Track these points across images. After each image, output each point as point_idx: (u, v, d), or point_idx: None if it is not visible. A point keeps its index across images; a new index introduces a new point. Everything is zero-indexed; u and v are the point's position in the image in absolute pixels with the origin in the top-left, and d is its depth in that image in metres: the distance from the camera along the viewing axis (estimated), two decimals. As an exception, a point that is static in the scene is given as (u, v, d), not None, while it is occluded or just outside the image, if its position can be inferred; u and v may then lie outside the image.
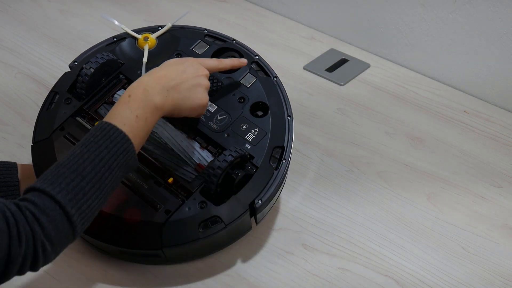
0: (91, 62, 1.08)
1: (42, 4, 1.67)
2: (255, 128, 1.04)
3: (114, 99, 1.09)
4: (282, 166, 1.01)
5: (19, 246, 0.76)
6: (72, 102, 1.08)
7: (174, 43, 1.14)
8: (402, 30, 1.45)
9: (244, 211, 0.98)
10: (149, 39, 1.13)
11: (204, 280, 1.02)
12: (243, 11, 1.66)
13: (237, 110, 1.06)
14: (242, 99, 1.07)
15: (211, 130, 1.04)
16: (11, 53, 1.49)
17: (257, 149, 1.02)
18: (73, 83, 1.09)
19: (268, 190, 0.99)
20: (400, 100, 1.39)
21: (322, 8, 1.57)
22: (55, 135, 1.05)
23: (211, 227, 0.97)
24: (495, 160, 1.24)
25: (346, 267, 1.04)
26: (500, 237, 1.10)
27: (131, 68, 1.11)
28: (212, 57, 1.13)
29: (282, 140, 1.04)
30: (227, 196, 0.98)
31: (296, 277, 1.03)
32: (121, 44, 1.15)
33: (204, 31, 1.17)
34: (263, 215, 1.04)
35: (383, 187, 1.18)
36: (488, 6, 1.30)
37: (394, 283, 1.02)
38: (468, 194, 1.17)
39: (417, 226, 1.11)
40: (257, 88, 1.09)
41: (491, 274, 1.04)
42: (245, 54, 1.13)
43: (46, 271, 1.01)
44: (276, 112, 1.06)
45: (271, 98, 1.08)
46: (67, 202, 0.79)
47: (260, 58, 1.13)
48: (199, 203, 0.98)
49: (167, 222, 0.97)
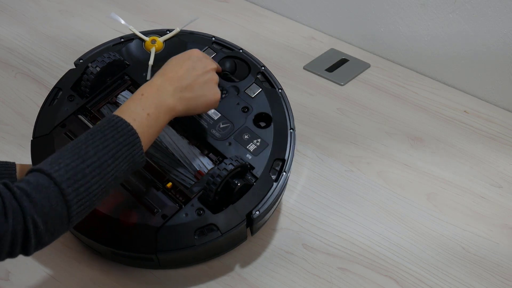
0: (98, 61, 1.08)
1: (42, 4, 1.67)
2: (257, 139, 1.04)
3: (117, 100, 1.09)
4: (281, 179, 1.01)
5: (6, 221, 0.73)
6: (75, 100, 1.08)
7: (181, 48, 1.14)
8: (402, 30, 1.45)
9: (241, 221, 0.98)
10: (156, 42, 1.13)
11: (203, 280, 1.02)
12: (243, 11, 1.66)
13: (240, 119, 1.06)
14: (246, 109, 1.08)
15: (213, 137, 1.04)
16: (11, 53, 1.49)
17: (258, 160, 1.02)
18: (77, 81, 1.09)
19: (266, 202, 0.99)
20: (400, 100, 1.39)
21: (322, 8, 1.57)
22: (55, 132, 1.04)
23: (207, 234, 0.96)
24: (495, 160, 1.24)
25: (346, 267, 1.04)
26: (500, 237, 1.10)
27: (137, 69, 1.11)
28: (218, 64, 1.12)
29: (283, 153, 1.04)
30: (225, 205, 0.98)
31: (296, 277, 1.03)
32: (128, 45, 1.15)
33: (212, 38, 1.17)
34: (259, 226, 1.04)
35: (383, 187, 1.18)
36: (488, 6, 1.30)
37: (394, 283, 1.02)
38: (468, 194, 1.17)
39: (417, 226, 1.11)
40: (261, 99, 1.09)
41: (491, 274, 1.04)
42: (251, 65, 1.13)
43: (46, 271, 1.01)
44: (279, 124, 1.06)
45: (275, 110, 1.08)
46: (64, 180, 0.77)
47: (266, 69, 1.13)
48: (196, 209, 0.97)
49: (163, 226, 0.96)
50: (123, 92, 1.10)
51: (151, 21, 1.61)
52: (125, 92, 1.10)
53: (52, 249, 1.05)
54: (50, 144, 1.03)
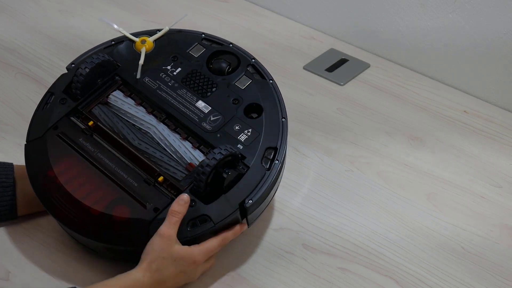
0: (87, 63, 1.08)
1: (42, 4, 1.67)
2: (248, 129, 1.04)
3: (108, 99, 1.09)
4: (274, 167, 1.01)
5: None
6: (67, 102, 1.08)
7: (171, 45, 1.14)
8: (402, 30, 1.45)
9: (233, 210, 0.97)
10: (146, 42, 1.13)
11: (203, 280, 1.01)
12: (243, 11, 1.66)
13: (230, 111, 1.06)
14: (236, 101, 1.07)
15: (203, 130, 1.04)
16: (11, 53, 1.49)
17: (249, 150, 1.02)
18: (69, 84, 1.09)
19: (259, 190, 0.99)
20: (400, 100, 1.38)
21: (322, 8, 1.57)
22: (48, 134, 1.04)
23: (199, 225, 0.96)
24: (495, 160, 1.24)
25: (346, 267, 1.04)
26: (500, 237, 1.10)
27: (128, 70, 1.11)
28: (208, 59, 1.12)
29: (275, 141, 1.03)
30: (217, 195, 0.98)
31: (296, 277, 1.03)
32: (118, 46, 1.14)
33: (201, 35, 1.16)
34: (254, 216, 1.03)
35: (383, 187, 1.18)
36: (488, 6, 1.30)
37: (394, 283, 1.02)
38: (468, 194, 1.17)
39: (417, 226, 1.11)
40: (252, 90, 1.08)
41: (491, 274, 1.04)
42: (241, 57, 1.12)
43: (46, 271, 1.01)
44: (270, 114, 1.06)
45: (266, 100, 1.07)
46: None
47: (256, 61, 1.12)
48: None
49: (155, 219, 0.96)
50: (114, 92, 1.09)
51: (151, 21, 1.61)
52: (116, 92, 1.10)
53: (52, 249, 1.05)
54: (43, 146, 1.03)
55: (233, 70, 1.11)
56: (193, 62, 1.12)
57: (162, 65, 1.11)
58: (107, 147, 1.03)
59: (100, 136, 1.04)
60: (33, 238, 1.06)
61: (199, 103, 1.07)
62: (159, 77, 1.10)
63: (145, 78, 1.10)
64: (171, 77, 1.10)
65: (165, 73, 1.10)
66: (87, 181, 1.00)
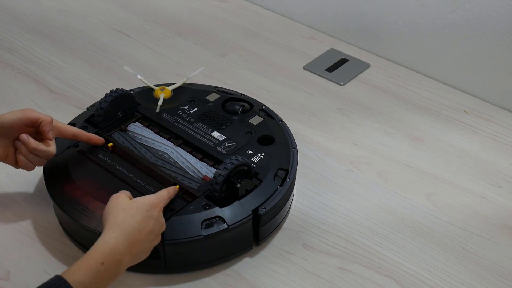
0: (110, 95, 1.14)
1: (42, 4, 1.67)
2: (261, 153, 1.09)
3: (128, 128, 1.14)
4: (286, 184, 1.05)
5: None
6: (87, 129, 1.13)
7: (188, 93, 1.23)
8: (402, 30, 1.45)
9: (247, 215, 1.00)
10: (165, 89, 1.22)
11: (203, 280, 1.02)
12: (243, 11, 1.66)
13: (244, 140, 1.12)
14: (250, 133, 1.14)
15: (218, 153, 1.09)
16: (11, 53, 1.49)
17: (262, 169, 1.07)
18: (90, 117, 1.16)
19: (273, 201, 1.02)
20: (400, 100, 1.39)
21: (322, 8, 1.57)
22: (69, 151, 1.09)
23: (213, 226, 0.98)
24: (495, 160, 1.24)
25: (346, 267, 1.04)
26: (500, 237, 1.10)
27: (147, 108, 1.18)
28: (222, 104, 1.20)
29: (286, 164, 1.08)
30: (232, 201, 1.01)
31: (296, 277, 1.03)
32: (138, 91, 1.23)
33: (215, 88, 1.25)
34: (266, 230, 1.05)
35: (383, 187, 1.18)
36: (488, 6, 1.30)
37: (394, 283, 1.02)
38: (468, 194, 1.17)
39: (417, 226, 1.11)
40: (264, 126, 1.16)
41: (491, 274, 1.04)
42: (254, 103, 1.21)
43: (46, 271, 1.01)
44: (281, 144, 1.12)
45: (277, 134, 1.14)
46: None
47: (266, 107, 1.21)
48: (203, 205, 1.00)
49: (170, 218, 0.98)
50: (134, 123, 1.16)
51: (151, 21, 1.61)
52: (135, 123, 1.16)
53: (52, 249, 1.05)
54: (63, 160, 1.07)
55: (246, 111, 1.19)
56: (209, 104, 1.20)
57: (180, 105, 1.20)
58: (125, 161, 1.08)
59: (118, 154, 1.09)
60: (33, 238, 1.06)
61: (214, 133, 1.14)
62: (177, 114, 1.18)
63: (163, 114, 1.17)
64: (188, 114, 1.18)
65: (182, 111, 1.18)
66: (105, 187, 1.02)
